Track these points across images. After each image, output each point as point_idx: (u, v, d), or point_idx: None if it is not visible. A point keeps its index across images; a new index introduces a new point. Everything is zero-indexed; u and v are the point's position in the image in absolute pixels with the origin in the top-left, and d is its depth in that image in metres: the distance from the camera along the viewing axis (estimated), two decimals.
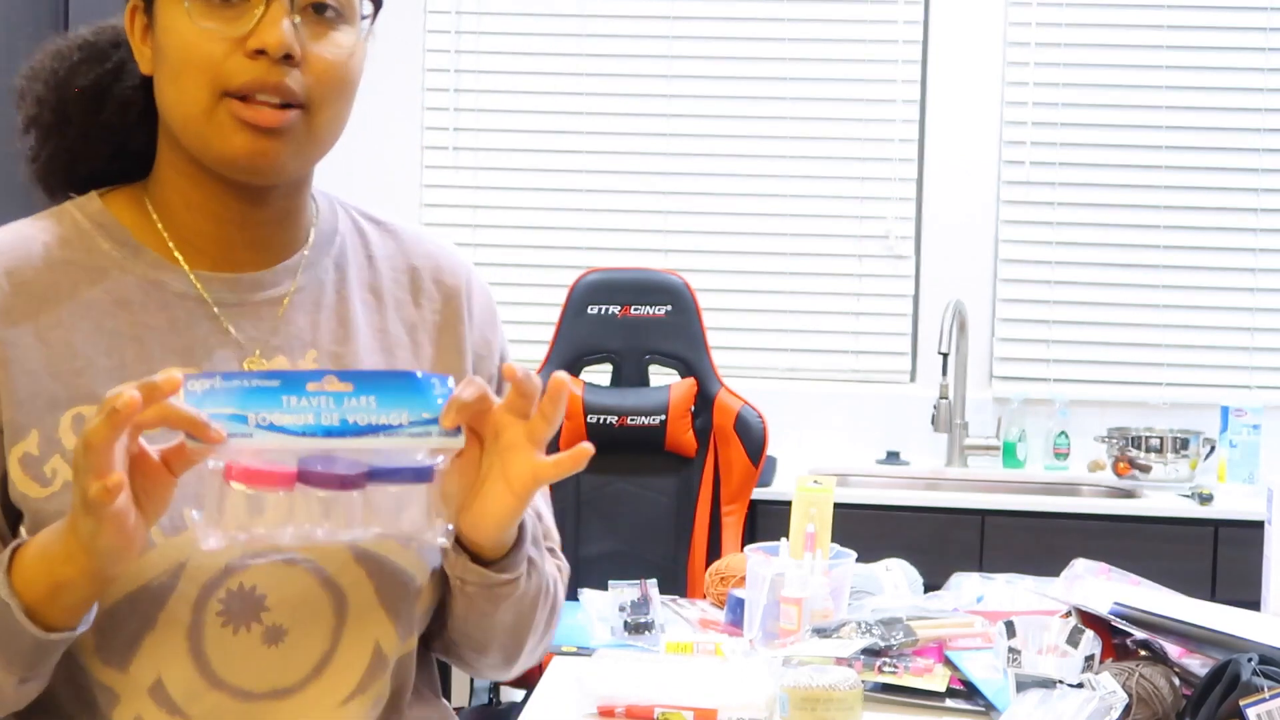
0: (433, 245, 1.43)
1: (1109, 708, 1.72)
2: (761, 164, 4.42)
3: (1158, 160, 4.34)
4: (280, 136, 1.22)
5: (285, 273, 1.32)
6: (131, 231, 1.29)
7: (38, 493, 1.21)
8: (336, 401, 1.09)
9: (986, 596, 2.26)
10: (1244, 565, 3.44)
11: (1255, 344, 4.33)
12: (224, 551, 1.19)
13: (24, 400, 1.21)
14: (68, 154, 1.34)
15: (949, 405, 4.24)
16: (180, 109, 1.22)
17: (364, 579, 1.27)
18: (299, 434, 1.08)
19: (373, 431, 1.10)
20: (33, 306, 1.24)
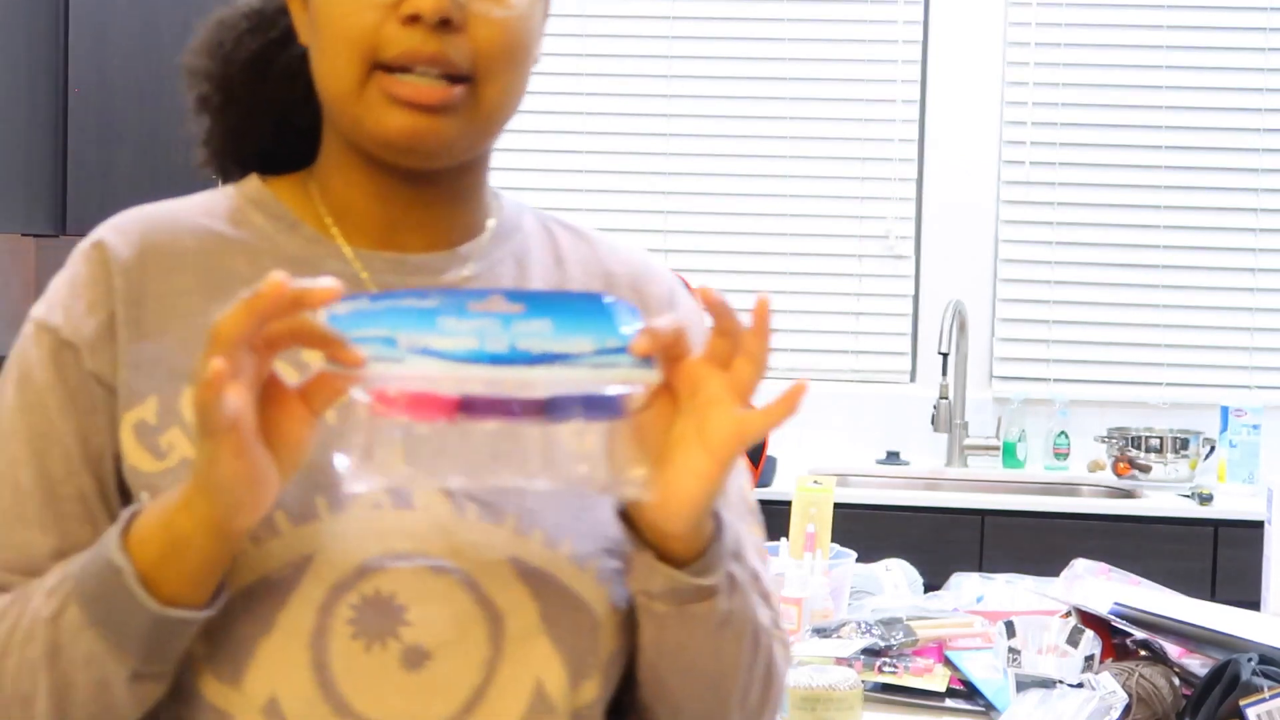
0: (633, 253, 1.24)
1: (1109, 708, 1.72)
2: (761, 164, 4.42)
3: (1158, 160, 4.34)
4: (442, 114, 1.06)
5: (457, 259, 1.14)
6: (290, 209, 1.14)
7: (151, 466, 1.05)
8: (504, 324, 0.91)
9: (986, 596, 2.26)
10: (1244, 565, 3.44)
11: (1255, 344, 4.33)
12: (358, 547, 1.02)
13: (143, 364, 1.07)
14: (231, 134, 1.20)
15: (949, 405, 4.24)
16: (331, 84, 1.08)
17: (527, 600, 1.05)
18: (459, 360, 0.90)
19: (547, 360, 0.91)
20: (164, 270, 1.10)
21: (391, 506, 1.03)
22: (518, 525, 1.05)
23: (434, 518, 1.04)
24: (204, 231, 1.12)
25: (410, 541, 1.03)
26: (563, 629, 1.05)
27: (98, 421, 1.07)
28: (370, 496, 1.03)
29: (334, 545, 1.02)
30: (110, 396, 1.07)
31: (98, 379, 1.07)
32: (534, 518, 1.05)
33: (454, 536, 1.04)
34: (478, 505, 1.05)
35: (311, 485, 1.02)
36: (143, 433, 1.06)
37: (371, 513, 1.03)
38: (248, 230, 1.13)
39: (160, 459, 1.05)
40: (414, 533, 1.03)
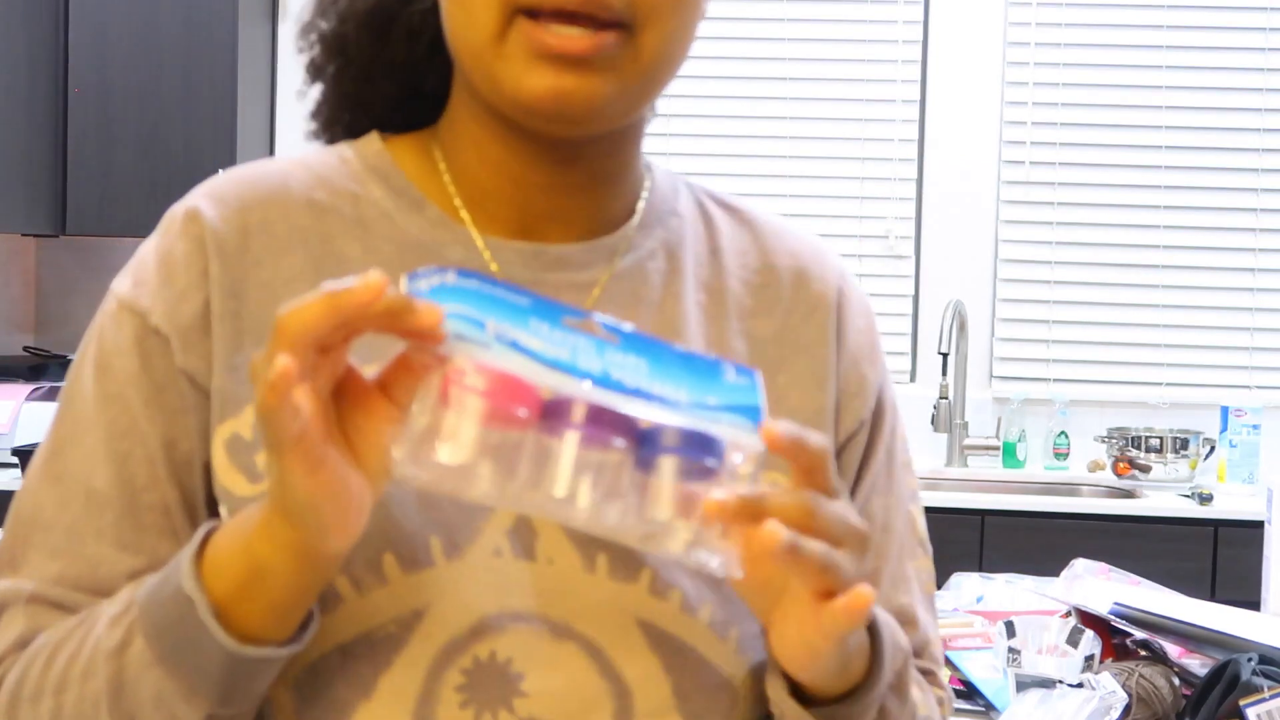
0: (800, 242, 1.07)
1: (1109, 708, 1.72)
2: (761, 164, 4.42)
3: (1158, 160, 4.34)
4: (594, 69, 0.90)
5: (601, 252, 0.99)
6: (414, 182, 0.99)
7: (244, 489, 0.91)
8: (597, 349, 0.79)
9: (986, 596, 2.26)
10: (1244, 565, 3.44)
11: (1255, 344, 4.33)
12: (475, 603, 0.88)
13: (241, 366, 0.92)
14: (347, 100, 1.05)
15: (949, 405, 4.25)
16: (465, 35, 0.92)
17: (658, 673, 0.90)
18: (549, 365, 0.76)
19: (641, 396, 0.78)
20: (270, 253, 0.95)
21: (513, 555, 0.89)
22: (653, 584, 0.91)
23: (559, 571, 0.90)
24: (317, 206, 0.97)
25: (532, 598, 0.89)
26: (697, 707, 0.91)
27: (187, 424, 0.93)
28: (490, 541, 0.89)
29: (448, 599, 0.88)
30: (202, 399, 0.93)
31: (189, 377, 0.93)
32: (672, 576, 0.91)
33: (580, 595, 0.90)
34: (609, 558, 0.90)
35: (425, 521, 0.89)
36: (237, 449, 0.92)
37: (491, 560, 0.89)
38: (366, 206, 0.98)
39: (255, 481, 0.91)
40: (536, 588, 0.89)
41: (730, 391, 0.81)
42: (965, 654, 1.97)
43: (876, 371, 1.07)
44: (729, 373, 0.82)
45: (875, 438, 1.05)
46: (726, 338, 1.01)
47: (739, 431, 0.79)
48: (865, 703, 0.87)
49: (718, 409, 0.79)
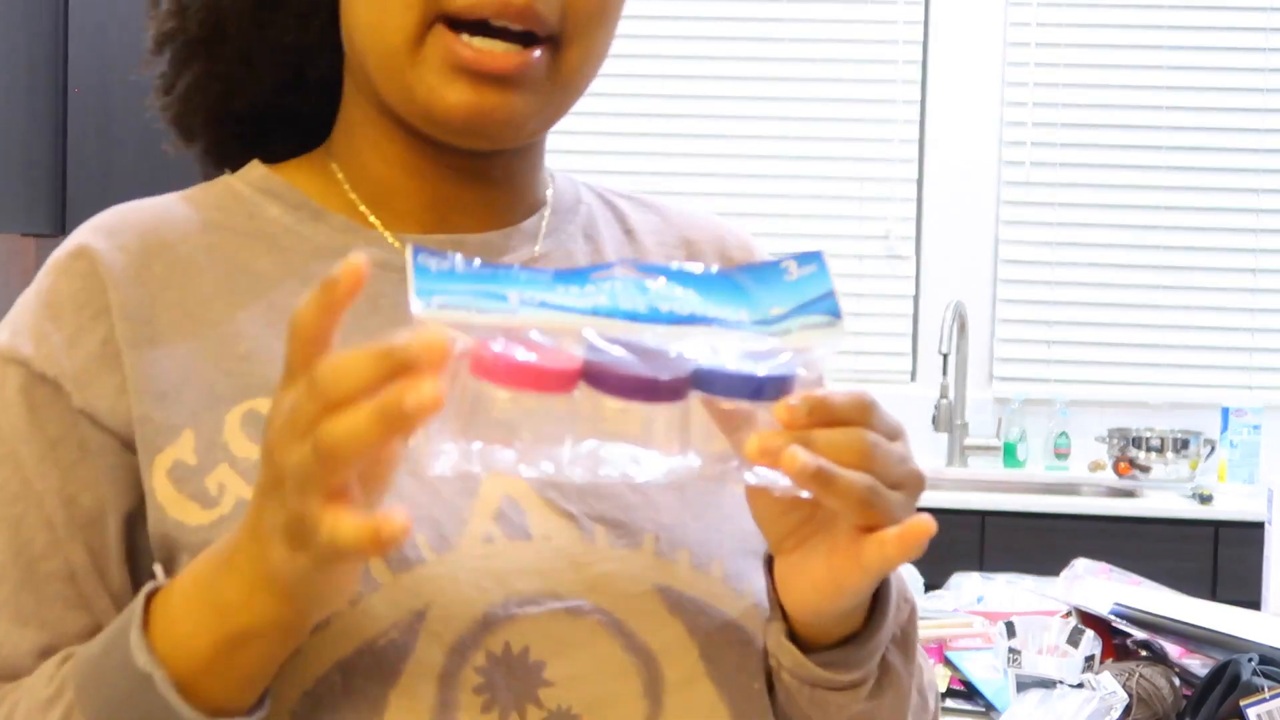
0: (707, 218, 1.04)
1: (1109, 708, 1.72)
2: (761, 164, 4.42)
3: (1158, 161, 4.34)
4: (516, 87, 0.84)
5: (522, 237, 0.94)
6: (310, 196, 0.92)
7: (199, 517, 0.83)
8: (638, 288, 0.72)
9: (986, 596, 2.26)
10: (1244, 566, 3.44)
11: (1255, 344, 4.33)
12: (477, 595, 0.81)
13: (169, 392, 0.84)
14: (221, 83, 0.95)
15: (949, 405, 4.24)
16: (376, 38, 0.85)
17: (684, 638, 0.85)
18: (586, 313, 0.70)
19: (699, 322, 0.71)
20: (177, 274, 0.87)
21: (506, 538, 0.83)
22: (658, 546, 0.85)
23: (558, 548, 0.84)
24: (214, 227, 0.91)
25: (537, 580, 0.83)
26: (727, 668, 0.85)
27: (88, 474, 0.85)
28: (479, 529, 0.83)
29: (449, 594, 0.81)
30: (109, 440, 0.85)
31: (92, 419, 0.85)
32: (675, 535, 0.86)
33: (587, 569, 0.84)
34: (606, 527, 0.85)
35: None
36: (183, 476, 0.83)
37: (483, 548, 0.83)
38: (265, 223, 0.91)
39: (211, 506, 0.83)
40: (539, 568, 0.83)
41: (795, 291, 0.74)
42: (965, 654, 1.96)
43: None
44: (790, 270, 0.75)
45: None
46: None
47: (809, 336, 0.73)
48: (867, 649, 0.83)
49: (785, 317, 0.73)
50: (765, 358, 0.72)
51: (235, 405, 0.84)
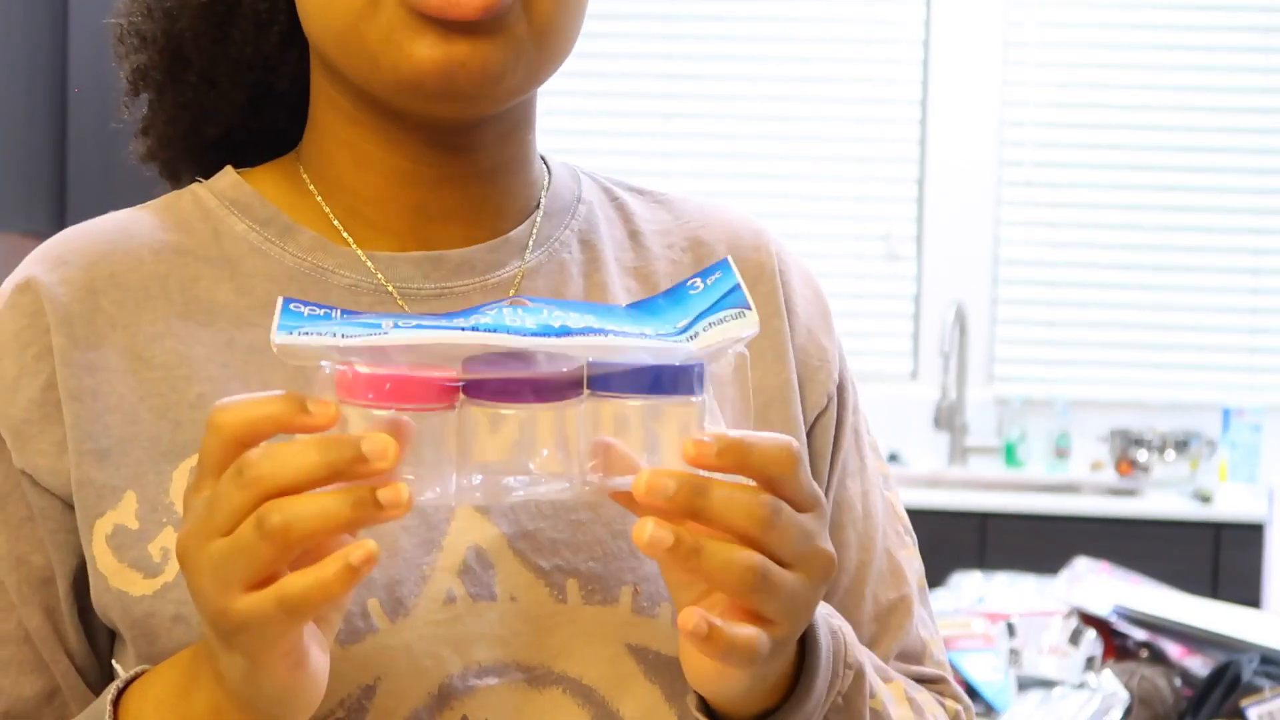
0: (726, 212, 0.96)
1: (1110, 708, 1.72)
2: (762, 164, 4.42)
3: (1158, 161, 4.34)
4: (486, 33, 0.76)
5: (509, 249, 0.86)
6: (281, 208, 0.85)
7: (142, 587, 0.77)
8: (528, 313, 0.66)
9: (987, 597, 2.26)
10: (1245, 566, 3.44)
11: (1256, 344, 4.33)
12: (433, 665, 0.75)
13: (111, 449, 0.78)
14: (188, 112, 0.89)
15: (949, 405, 4.24)
16: (327, 12, 0.78)
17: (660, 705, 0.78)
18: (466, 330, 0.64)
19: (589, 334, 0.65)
20: (128, 313, 0.81)
21: (470, 598, 0.77)
22: (636, 602, 0.79)
23: (524, 610, 0.78)
24: (171, 250, 0.83)
25: (499, 648, 0.77)
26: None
27: (36, 534, 0.79)
28: (440, 587, 0.77)
29: (400, 666, 0.75)
30: (51, 502, 0.79)
31: (32, 479, 0.79)
32: (657, 587, 0.79)
33: (554, 632, 0.78)
34: (580, 581, 0.78)
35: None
36: (123, 543, 0.77)
37: (445, 610, 0.77)
38: (230, 243, 0.84)
39: (154, 574, 0.77)
40: (501, 634, 0.77)
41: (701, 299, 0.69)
42: (966, 654, 1.96)
43: (834, 343, 0.94)
44: (697, 285, 0.70)
45: (843, 415, 0.93)
46: None
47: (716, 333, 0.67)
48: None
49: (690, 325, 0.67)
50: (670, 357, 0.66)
51: (182, 460, 0.78)
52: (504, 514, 0.79)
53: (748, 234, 0.93)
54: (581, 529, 0.79)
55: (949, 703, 0.91)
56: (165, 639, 0.76)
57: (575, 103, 4.44)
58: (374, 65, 0.77)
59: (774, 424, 0.88)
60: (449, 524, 0.78)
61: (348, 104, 0.83)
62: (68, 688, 0.81)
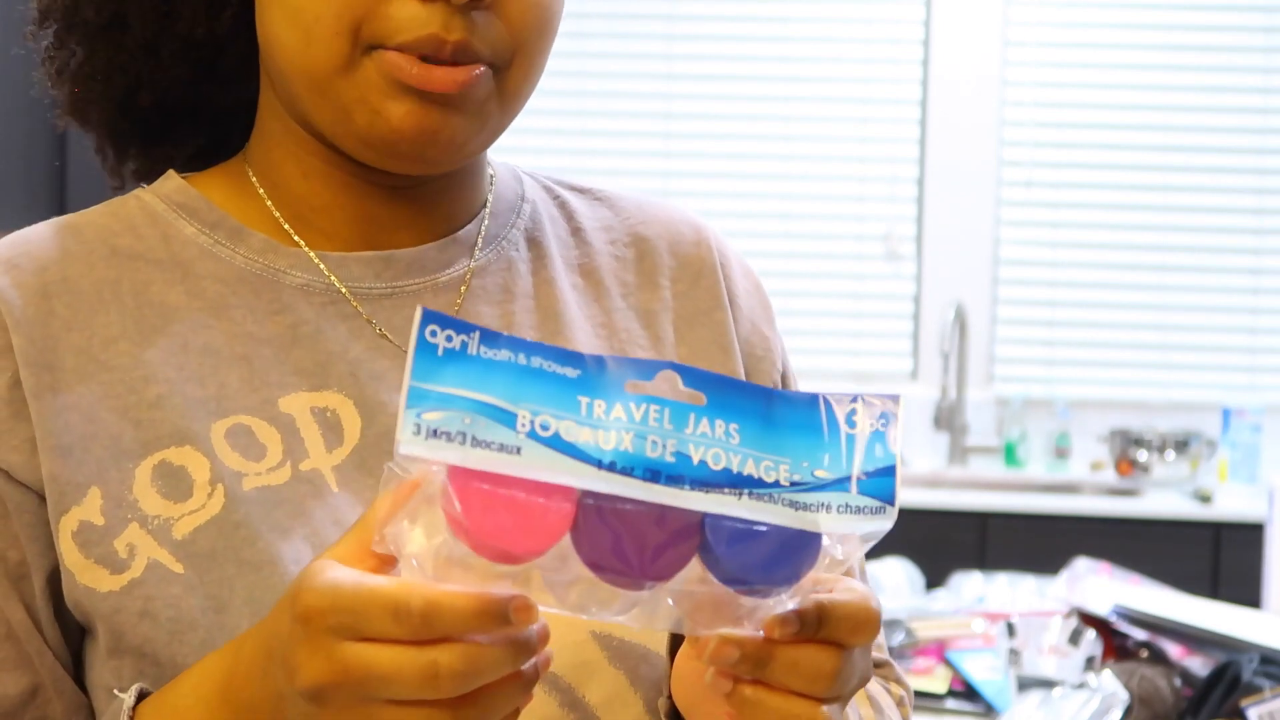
0: (664, 209, 0.98)
1: (1110, 708, 1.72)
2: (761, 164, 4.42)
3: (1158, 161, 4.34)
4: (460, 108, 0.80)
5: (458, 249, 0.88)
6: (230, 212, 0.86)
7: (108, 583, 0.78)
8: (676, 419, 0.61)
9: (987, 597, 2.26)
10: (1245, 566, 3.44)
11: (1256, 344, 4.33)
12: None
13: (74, 445, 0.79)
14: (124, 76, 0.87)
15: (949, 405, 4.24)
16: (301, 61, 0.79)
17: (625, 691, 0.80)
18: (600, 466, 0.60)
19: (729, 485, 0.61)
20: (80, 314, 0.81)
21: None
22: None
23: None
24: (122, 255, 0.84)
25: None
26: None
27: (11, 529, 0.79)
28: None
29: None
30: (26, 495, 0.79)
31: (7, 474, 0.79)
32: None
33: None
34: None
35: None
36: (89, 539, 0.78)
37: None
38: (179, 246, 0.84)
39: (120, 570, 0.77)
40: None
41: (850, 447, 0.64)
42: (965, 654, 1.96)
43: (776, 334, 0.97)
44: (855, 423, 0.65)
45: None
46: (613, 318, 0.91)
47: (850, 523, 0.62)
48: None
49: (827, 486, 0.63)
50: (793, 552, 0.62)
51: (145, 458, 0.79)
52: None
53: (688, 229, 0.96)
54: None
55: (894, 687, 0.93)
56: (131, 634, 0.77)
57: (575, 103, 4.44)
58: (346, 119, 0.79)
59: None
60: None
61: (296, 124, 0.84)
62: (51, 682, 0.80)
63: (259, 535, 0.78)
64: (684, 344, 0.92)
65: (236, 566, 0.77)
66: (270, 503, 0.78)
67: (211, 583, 0.77)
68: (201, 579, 0.77)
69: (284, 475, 0.80)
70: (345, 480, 0.81)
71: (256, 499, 0.78)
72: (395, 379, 0.83)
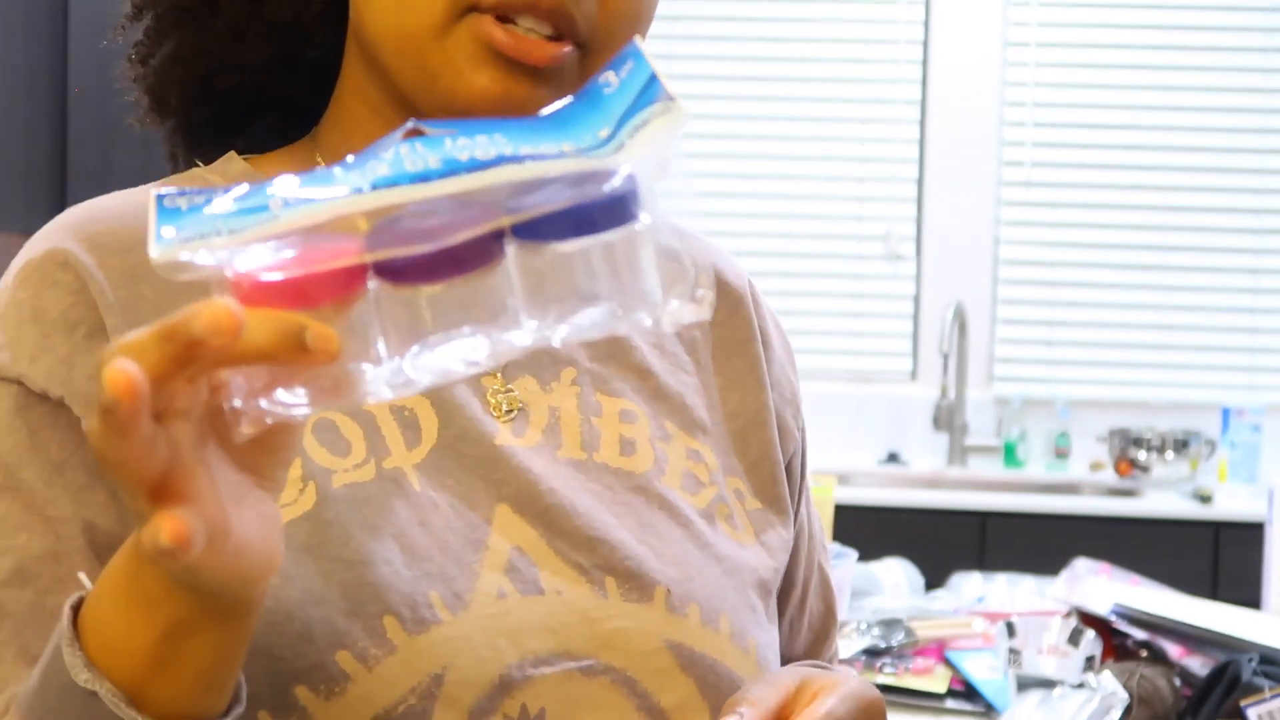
0: (699, 239, 0.99)
1: (1109, 708, 1.72)
2: (761, 164, 4.42)
3: (1158, 161, 4.34)
4: (544, 81, 0.80)
5: None
6: None
7: None
8: (430, 145, 0.59)
9: (987, 597, 2.26)
10: (1245, 566, 3.44)
11: (1256, 344, 4.33)
12: (493, 655, 0.78)
13: None
14: (208, 58, 0.87)
15: (949, 405, 4.24)
16: (399, 21, 0.79)
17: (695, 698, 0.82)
18: (361, 192, 0.58)
19: (503, 163, 0.59)
20: (167, 304, 0.76)
21: (519, 594, 0.80)
22: (669, 601, 0.83)
23: (570, 603, 0.81)
24: None
25: (550, 639, 0.80)
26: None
27: (103, 498, 0.77)
28: (491, 584, 0.79)
29: (464, 656, 0.77)
30: None
31: None
32: (685, 588, 0.84)
33: (599, 624, 0.81)
34: (618, 580, 0.82)
35: (418, 575, 0.77)
36: None
37: (498, 605, 0.79)
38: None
39: None
40: (551, 626, 0.80)
41: (619, 100, 0.61)
42: (965, 654, 1.96)
43: (797, 380, 1.00)
44: (610, 81, 0.62)
45: (805, 448, 0.99)
46: (661, 340, 0.92)
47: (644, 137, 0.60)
48: None
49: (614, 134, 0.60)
50: (599, 181, 0.59)
51: None
52: (538, 516, 0.82)
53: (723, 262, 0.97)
54: (612, 530, 0.83)
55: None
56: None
57: None
58: (430, 81, 0.79)
59: (752, 446, 0.93)
60: (490, 525, 0.81)
61: (379, 99, 0.83)
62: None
63: (350, 535, 0.77)
64: (720, 373, 0.94)
65: (330, 563, 0.76)
66: (358, 500, 0.78)
67: (308, 576, 0.76)
68: (298, 571, 0.76)
69: (369, 473, 0.79)
70: (426, 479, 0.81)
71: (345, 496, 0.78)
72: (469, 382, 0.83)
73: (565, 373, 0.87)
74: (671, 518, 0.86)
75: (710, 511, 0.88)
